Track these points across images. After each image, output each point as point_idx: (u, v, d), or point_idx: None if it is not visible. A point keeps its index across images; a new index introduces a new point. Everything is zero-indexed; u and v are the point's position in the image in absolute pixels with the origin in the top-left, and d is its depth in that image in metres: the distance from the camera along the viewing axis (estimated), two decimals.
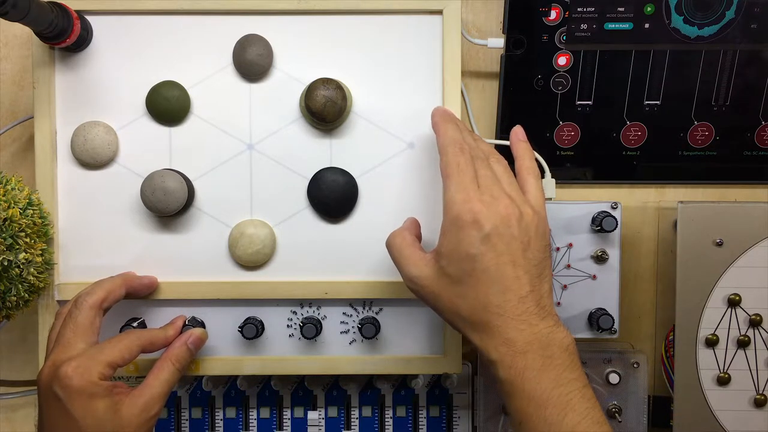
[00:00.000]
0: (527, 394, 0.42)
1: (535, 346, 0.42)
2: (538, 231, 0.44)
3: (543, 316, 0.43)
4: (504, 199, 0.44)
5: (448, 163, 0.45)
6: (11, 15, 0.43)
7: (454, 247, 0.43)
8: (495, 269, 0.42)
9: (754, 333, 0.56)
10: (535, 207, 0.45)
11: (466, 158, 0.45)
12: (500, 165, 0.47)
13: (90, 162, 0.54)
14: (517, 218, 0.43)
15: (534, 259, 0.44)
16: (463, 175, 0.45)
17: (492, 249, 0.43)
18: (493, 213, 0.43)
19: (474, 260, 0.43)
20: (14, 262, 0.48)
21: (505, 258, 0.43)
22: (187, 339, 0.51)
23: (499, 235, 0.43)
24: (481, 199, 0.43)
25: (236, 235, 0.54)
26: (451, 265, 0.43)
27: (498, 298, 0.42)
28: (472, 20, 0.61)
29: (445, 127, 0.48)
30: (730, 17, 0.58)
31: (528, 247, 0.44)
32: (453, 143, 0.46)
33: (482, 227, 0.43)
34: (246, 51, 0.53)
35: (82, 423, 0.44)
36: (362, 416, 0.60)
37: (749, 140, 0.61)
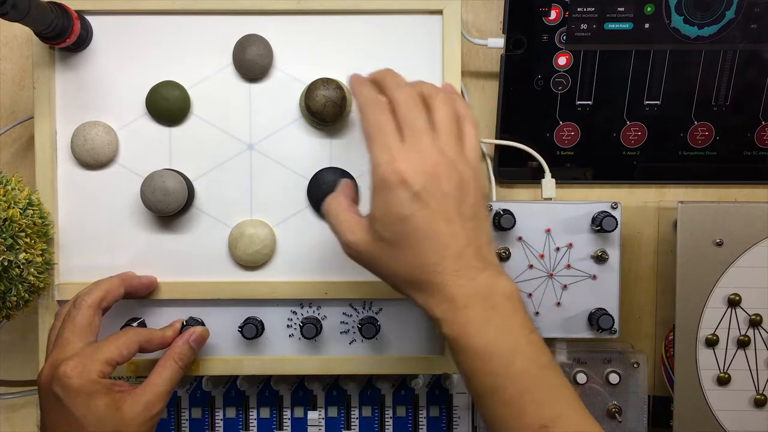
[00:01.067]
0: (472, 349, 0.41)
1: (477, 299, 0.41)
2: (472, 184, 0.43)
3: (482, 267, 0.42)
4: (433, 153, 0.42)
5: (367, 124, 0.43)
6: (11, 15, 0.43)
7: (384, 210, 0.41)
8: (428, 228, 0.41)
9: (754, 333, 0.56)
10: (469, 159, 0.43)
11: (385, 116, 0.43)
12: (446, 108, 0.44)
13: (90, 162, 0.54)
14: (447, 173, 0.42)
15: (468, 213, 0.42)
16: (384, 134, 0.42)
17: (423, 207, 0.41)
18: (420, 171, 0.41)
19: (406, 221, 0.41)
20: (14, 262, 0.48)
21: (437, 215, 0.41)
22: (189, 337, 0.51)
23: (429, 193, 0.41)
24: (407, 158, 0.41)
25: (236, 235, 0.54)
26: (385, 229, 0.42)
27: (435, 256, 0.41)
28: (472, 20, 0.61)
29: (359, 89, 0.45)
30: (730, 17, 0.58)
31: (462, 202, 0.42)
32: (368, 102, 0.44)
33: (410, 187, 0.41)
34: (246, 51, 0.53)
35: (84, 422, 0.44)
36: (362, 416, 0.60)
37: (749, 140, 0.61)
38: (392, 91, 0.44)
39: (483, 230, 0.43)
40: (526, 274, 0.57)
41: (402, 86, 0.44)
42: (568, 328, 0.57)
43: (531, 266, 0.56)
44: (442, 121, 0.43)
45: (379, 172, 0.42)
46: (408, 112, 0.43)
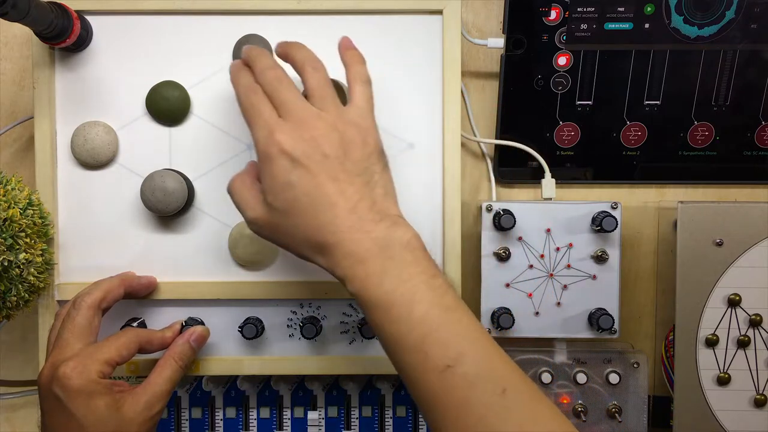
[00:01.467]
0: (374, 302, 0.41)
1: (374, 252, 0.41)
2: (355, 142, 0.44)
3: (378, 219, 0.42)
4: (310, 119, 0.43)
5: (244, 110, 0.45)
6: (11, 15, 0.43)
7: (271, 181, 0.43)
8: (315, 190, 0.42)
9: (754, 333, 0.56)
10: (352, 118, 0.45)
11: (258, 97, 0.45)
12: (315, 73, 0.46)
13: (90, 162, 0.54)
14: (325, 135, 0.43)
15: (356, 169, 0.43)
16: (260, 114, 0.44)
17: (306, 172, 0.42)
18: (297, 137, 0.42)
19: (293, 187, 0.42)
20: (14, 263, 0.48)
21: (322, 177, 0.42)
22: (189, 336, 0.51)
23: (308, 156, 0.42)
24: (282, 128, 0.43)
25: (236, 235, 0.54)
26: (276, 199, 0.43)
27: (327, 216, 0.42)
28: (472, 20, 0.61)
29: (235, 78, 0.47)
30: (730, 17, 0.58)
31: (345, 159, 0.43)
32: (243, 91, 0.45)
33: (290, 154, 0.42)
34: None
35: (84, 422, 0.44)
36: (362, 416, 0.60)
37: (749, 140, 0.61)
38: (258, 75, 0.46)
39: (377, 185, 0.44)
40: (526, 274, 0.57)
41: (267, 68, 0.46)
42: (568, 328, 0.57)
43: (531, 266, 0.56)
44: (314, 88, 0.45)
45: (260, 148, 0.43)
46: (275, 91, 0.44)
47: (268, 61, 0.46)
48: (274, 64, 0.46)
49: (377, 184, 0.44)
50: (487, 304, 0.57)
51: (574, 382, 0.58)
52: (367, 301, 0.42)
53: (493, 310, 0.57)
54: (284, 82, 0.45)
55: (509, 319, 0.55)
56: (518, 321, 0.56)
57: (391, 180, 0.46)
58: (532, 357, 0.58)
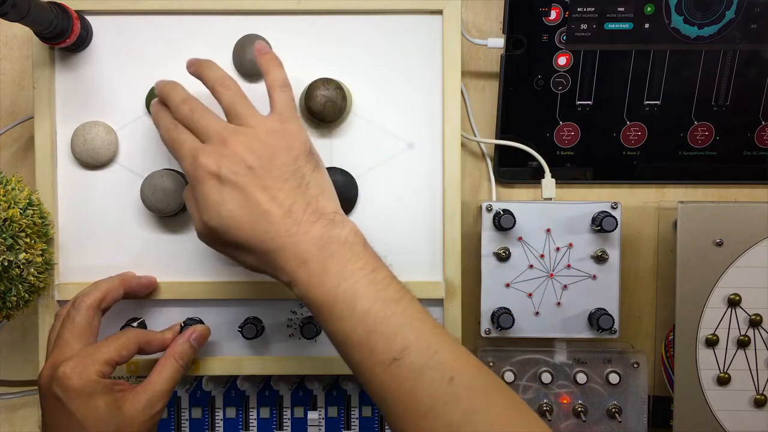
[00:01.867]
0: (318, 302, 0.42)
1: (313, 252, 0.42)
2: (279, 148, 0.44)
3: (315, 219, 0.43)
4: (228, 136, 0.44)
5: (169, 147, 0.46)
6: (11, 15, 0.43)
7: (205, 204, 0.43)
8: (247, 202, 0.42)
9: (754, 333, 0.56)
10: (272, 125, 0.45)
11: (178, 132, 0.46)
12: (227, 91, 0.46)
13: (90, 162, 0.54)
14: (247, 148, 0.43)
15: (283, 175, 0.43)
16: (182, 144, 0.45)
17: (234, 187, 0.43)
18: (219, 156, 0.43)
19: (225, 204, 0.43)
20: (14, 263, 0.48)
21: (251, 188, 0.43)
22: (190, 335, 0.51)
23: (233, 172, 0.43)
24: (206, 151, 0.43)
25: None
26: (212, 219, 0.43)
27: (263, 226, 0.42)
28: (472, 20, 0.61)
29: (156, 117, 0.48)
30: (730, 17, 0.58)
31: (271, 168, 0.43)
32: (165, 129, 0.47)
33: (215, 173, 0.43)
34: (246, 51, 0.53)
35: (84, 422, 0.44)
36: (362, 416, 0.60)
37: (749, 140, 0.61)
38: (175, 112, 0.47)
39: (310, 186, 0.44)
40: (526, 274, 0.57)
41: (180, 103, 0.47)
42: (568, 328, 0.57)
43: (531, 266, 0.56)
44: (228, 105, 0.46)
45: (190, 176, 0.44)
46: (192, 122, 0.46)
47: (180, 95, 0.47)
48: (186, 96, 0.47)
49: (309, 186, 0.44)
50: (487, 304, 0.57)
51: (574, 382, 0.58)
52: (311, 301, 0.42)
53: (493, 310, 0.57)
54: (197, 111, 0.46)
55: (509, 319, 0.55)
56: (518, 321, 0.56)
57: (325, 178, 0.46)
58: (532, 357, 0.58)
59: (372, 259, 0.43)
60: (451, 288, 0.55)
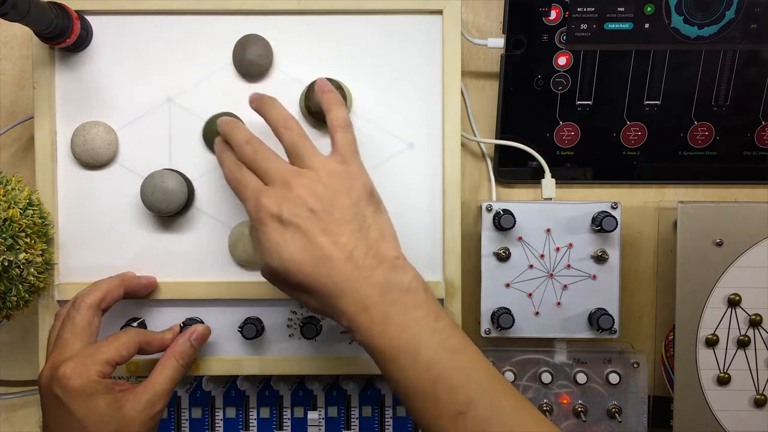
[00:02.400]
0: (380, 350, 0.42)
1: (375, 298, 0.42)
2: (341, 189, 0.44)
3: (376, 265, 0.43)
4: (291, 179, 0.44)
5: (233, 188, 0.47)
6: (11, 15, 0.43)
7: (267, 245, 0.43)
8: (309, 246, 0.42)
9: (754, 333, 0.56)
10: (333, 166, 0.45)
11: (242, 172, 0.46)
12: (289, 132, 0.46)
13: (90, 162, 0.54)
14: (309, 191, 0.43)
15: (345, 218, 0.43)
16: (246, 185, 0.45)
17: (296, 230, 0.43)
18: (283, 199, 0.43)
19: (287, 246, 0.43)
20: (14, 263, 0.48)
21: (313, 231, 0.43)
22: (190, 335, 0.51)
23: (296, 215, 0.43)
24: (268, 193, 0.44)
25: (236, 235, 0.54)
26: (273, 261, 0.43)
27: (325, 270, 0.42)
28: (472, 20, 0.61)
29: (220, 158, 0.48)
30: (730, 17, 0.58)
31: (333, 210, 0.43)
32: (228, 171, 0.47)
33: (279, 216, 0.43)
34: (246, 51, 0.53)
35: (85, 422, 0.44)
36: (362, 416, 0.60)
37: (749, 140, 0.61)
38: (237, 152, 0.47)
39: (370, 229, 0.44)
40: (526, 274, 0.57)
41: (243, 144, 0.47)
42: (568, 328, 0.57)
43: (531, 266, 0.56)
44: (290, 146, 0.46)
45: (252, 216, 0.44)
46: (254, 163, 0.46)
47: (242, 135, 0.47)
48: (249, 137, 0.47)
49: (370, 229, 0.44)
50: (487, 304, 0.57)
51: (574, 382, 0.58)
52: (373, 349, 0.42)
53: (493, 310, 0.57)
54: (260, 152, 0.46)
55: (509, 319, 0.55)
56: (518, 321, 0.56)
57: (386, 221, 0.46)
58: (532, 357, 0.58)
59: (434, 307, 0.43)
60: (451, 288, 0.55)
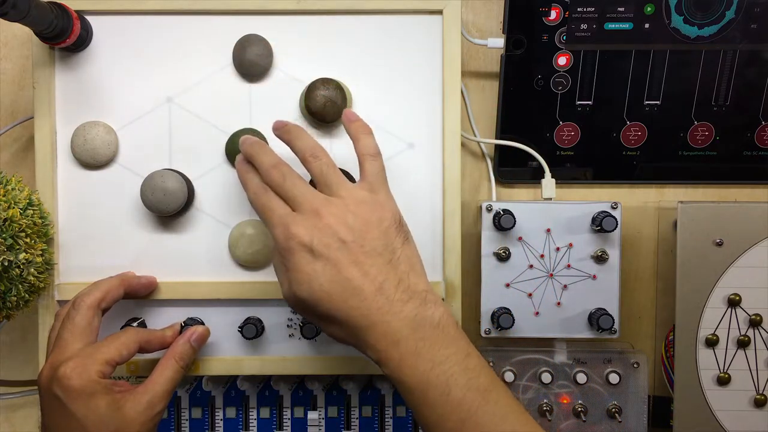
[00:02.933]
0: (409, 385, 0.41)
1: (406, 333, 0.42)
2: (371, 219, 0.44)
3: (407, 299, 0.42)
4: (321, 208, 0.43)
5: (258, 212, 0.46)
6: (11, 15, 0.43)
7: (296, 275, 0.43)
8: (339, 277, 0.42)
9: (754, 333, 0.56)
10: (362, 195, 0.45)
11: (268, 197, 0.45)
12: (317, 161, 0.46)
13: (90, 162, 0.54)
14: (339, 221, 0.43)
15: (375, 249, 0.43)
16: (273, 211, 0.44)
17: (326, 261, 0.42)
18: (312, 228, 0.43)
19: (317, 277, 0.42)
20: (14, 263, 0.48)
21: (343, 263, 0.42)
22: (190, 336, 0.51)
23: (326, 245, 0.42)
24: (297, 221, 0.43)
25: (236, 235, 0.54)
26: (302, 291, 0.43)
27: (354, 302, 0.42)
28: (472, 20, 0.61)
29: (244, 179, 0.48)
30: (730, 17, 0.58)
31: (363, 241, 0.43)
32: (253, 194, 0.46)
33: (309, 246, 0.42)
34: (246, 51, 0.53)
35: (85, 422, 0.44)
36: (362, 416, 0.60)
37: (749, 140, 0.61)
38: (264, 175, 0.46)
39: (400, 261, 0.44)
40: (526, 274, 0.57)
41: (270, 167, 0.46)
42: (568, 328, 0.57)
43: (531, 266, 0.56)
44: (319, 175, 0.46)
45: (280, 245, 0.44)
46: (282, 187, 0.45)
47: (270, 159, 0.47)
48: (276, 161, 0.47)
49: (400, 261, 0.44)
50: (487, 304, 0.57)
51: (574, 382, 0.58)
52: (402, 384, 0.42)
53: (493, 310, 0.57)
54: (289, 177, 0.45)
55: (509, 319, 0.55)
56: (518, 321, 0.56)
57: (414, 252, 0.45)
58: (532, 357, 0.58)
59: (464, 344, 0.43)
60: (451, 288, 0.55)
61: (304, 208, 0.44)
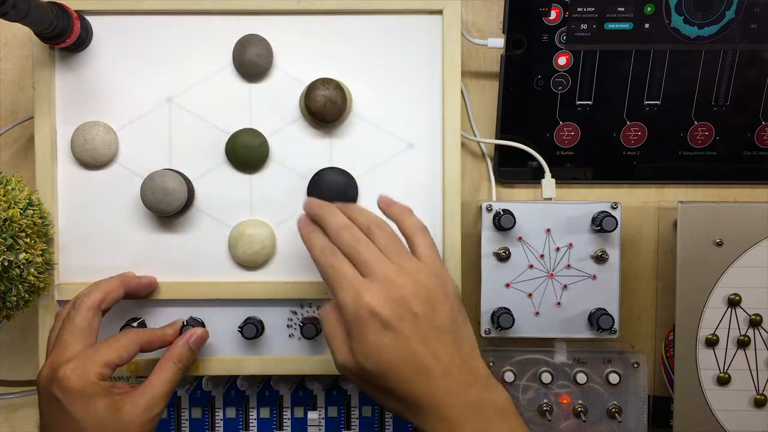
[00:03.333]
0: None
1: (470, 417, 0.41)
2: (439, 294, 0.43)
3: (470, 382, 0.42)
4: (394, 277, 0.43)
5: (324, 272, 0.45)
6: (11, 15, 0.43)
7: (363, 344, 0.42)
8: (408, 352, 0.42)
9: (754, 333, 0.56)
10: (429, 269, 0.44)
11: (337, 258, 0.44)
12: (383, 233, 0.45)
13: (90, 162, 0.54)
14: (412, 293, 0.42)
15: (444, 325, 0.43)
16: (342, 275, 0.43)
17: (398, 335, 0.42)
18: (386, 298, 0.42)
19: (386, 350, 0.42)
20: (14, 263, 0.48)
21: (414, 339, 0.42)
22: (188, 338, 0.51)
23: (400, 318, 0.42)
24: (370, 289, 0.42)
25: (236, 235, 0.54)
26: (368, 361, 0.42)
27: (420, 380, 0.41)
28: (472, 20, 0.61)
29: (308, 237, 0.47)
30: (730, 17, 0.58)
31: (434, 316, 0.43)
32: (320, 253, 0.45)
33: (381, 317, 0.41)
34: (246, 51, 0.53)
35: (83, 424, 0.44)
36: (362, 416, 0.60)
37: (749, 140, 0.61)
38: (334, 235, 0.45)
39: (464, 338, 0.44)
40: (526, 274, 0.57)
41: (342, 228, 0.45)
42: (568, 328, 0.57)
43: (531, 266, 0.56)
44: (387, 245, 0.45)
45: (348, 311, 0.42)
46: (355, 251, 0.44)
47: (340, 220, 0.46)
48: (347, 223, 0.46)
49: (464, 340, 0.44)
50: (487, 304, 0.57)
51: (574, 382, 0.58)
52: None
53: (493, 310, 0.57)
54: (362, 241, 0.45)
55: (509, 319, 0.55)
56: (518, 321, 0.56)
57: (471, 331, 0.45)
58: (532, 357, 0.58)
59: (522, 427, 0.43)
60: None
61: (378, 275, 0.43)
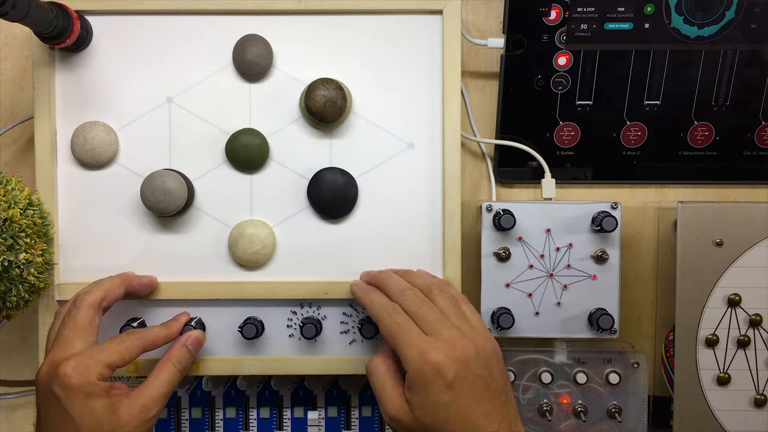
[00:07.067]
0: None
1: None
2: (494, 359, 0.46)
3: None
4: (457, 339, 0.45)
5: (388, 328, 0.46)
6: (11, 15, 0.43)
7: (424, 399, 0.44)
8: (465, 412, 0.43)
9: (754, 333, 0.56)
10: (485, 334, 0.47)
11: (402, 316, 0.46)
12: (444, 295, 0.48)
13: (90, 162, 0.54)
14: (474, 355, 0.44)
15: (497, 389, 0.45)
16: (407, 332, 0.45)
17: (460, 393, 0.43)
18: (451, 357, 0.44)
19: (446, 408, 0.43)
20: (15, 263, 0.48)
21: (471, 399, 0.44)
22: (186, 340, 0.51)
23: (462, 378, 0.44)
24: (435, 347, 0.44)
25: (236, 235, 0.54)
26: (426, 416, 0.44)
27: None
28: (472, 20, 0.62)
29: (368, 298, 0.49)
30: (730, 17, 0.58)
31: (491, 379, 0.45)
32: (382, 309, 0.47)
33: (445, 375, 0.43)
34: (246, 51, 0.53)
35: (80, 422, 0.44)
36: (362, 416, 0.60)
37: (749, 140, 0.61)
38: (397, 295, 0.48)
39: (511, 404, 0.46)
40: (526, 274, 0.57)
41: (406, 289, 0.48)
42: (568, 328, 0.57)
43: (531, 266, 0.56)
44: (447, 308, 0.47)
45: (413, 366, 0.44)
46: (420, 310, 0.47)
47: (402, 282, 0.49)
48: (410, 285, 0.49)
49: (510, 404, 0.45)
50: (487, 304, 0.57)
51: (574, 382, 0.58)
52: None
53: (493, 310, 0.57)
54: (426, 301, 0.47)
55: (509, 319, 0.55)
56: (518, 321, 0.56)
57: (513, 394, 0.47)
58: (532, 357, 0.58)
59: None
60: None
61: (442, 335, 0.45)
